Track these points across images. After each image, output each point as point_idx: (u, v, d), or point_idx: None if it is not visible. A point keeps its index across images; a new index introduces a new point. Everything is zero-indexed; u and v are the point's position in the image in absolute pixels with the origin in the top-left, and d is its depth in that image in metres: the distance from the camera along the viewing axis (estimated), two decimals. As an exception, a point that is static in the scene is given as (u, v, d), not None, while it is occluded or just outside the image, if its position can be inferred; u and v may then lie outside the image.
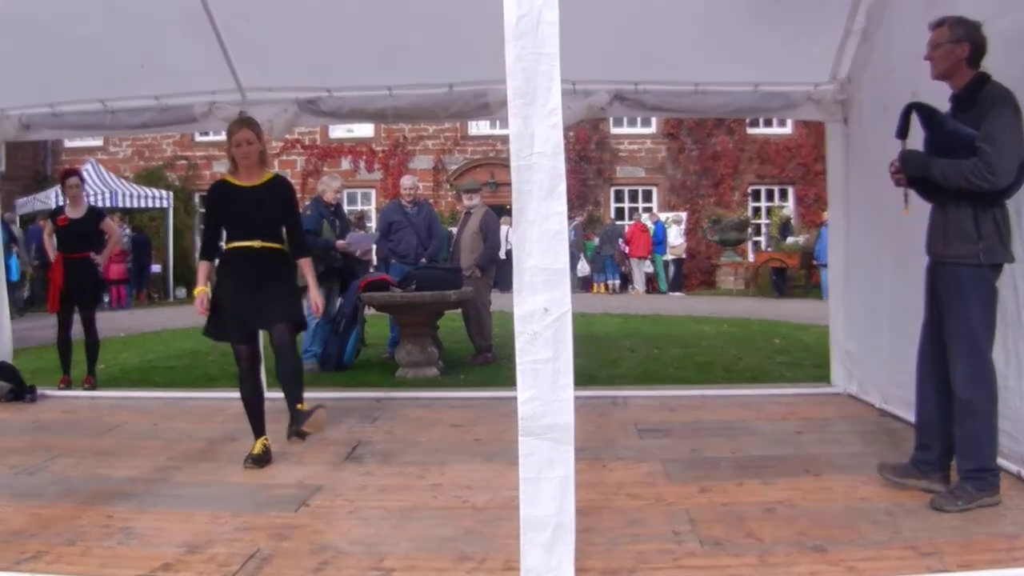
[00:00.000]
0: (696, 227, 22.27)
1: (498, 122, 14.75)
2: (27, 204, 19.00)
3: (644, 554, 3.15)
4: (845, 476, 4.09)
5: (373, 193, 23.19)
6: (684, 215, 22.14)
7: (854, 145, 5.95)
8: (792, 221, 21.75)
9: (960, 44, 3.57)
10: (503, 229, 12.13)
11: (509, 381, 3.12)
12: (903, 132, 3.82)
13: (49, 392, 6.79)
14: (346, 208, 13.07)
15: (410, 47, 5.74)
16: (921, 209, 3.83)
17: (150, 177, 22.32)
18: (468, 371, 8.08)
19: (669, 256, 21.21)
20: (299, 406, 4.50)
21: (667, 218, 21.67)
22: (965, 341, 3.57)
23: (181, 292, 20.70)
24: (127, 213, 20.37)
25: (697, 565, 3.07)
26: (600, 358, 8.64)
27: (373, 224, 17.90)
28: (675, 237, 21.34)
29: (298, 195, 15.65)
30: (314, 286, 4.69)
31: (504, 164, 19.17)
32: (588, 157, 22.92)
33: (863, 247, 5.84)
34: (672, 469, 4.31)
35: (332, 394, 6.55)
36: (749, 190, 23.20)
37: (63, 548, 3.27)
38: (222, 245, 4.70)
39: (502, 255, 10.94)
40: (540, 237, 2.79)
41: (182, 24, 5.60)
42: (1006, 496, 3.61)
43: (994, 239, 3.53)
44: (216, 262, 4.71)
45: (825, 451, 4.64)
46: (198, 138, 22.14)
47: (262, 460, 4.47)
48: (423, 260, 8.51)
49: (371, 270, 9.80)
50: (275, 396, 4.74)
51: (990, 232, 3.52)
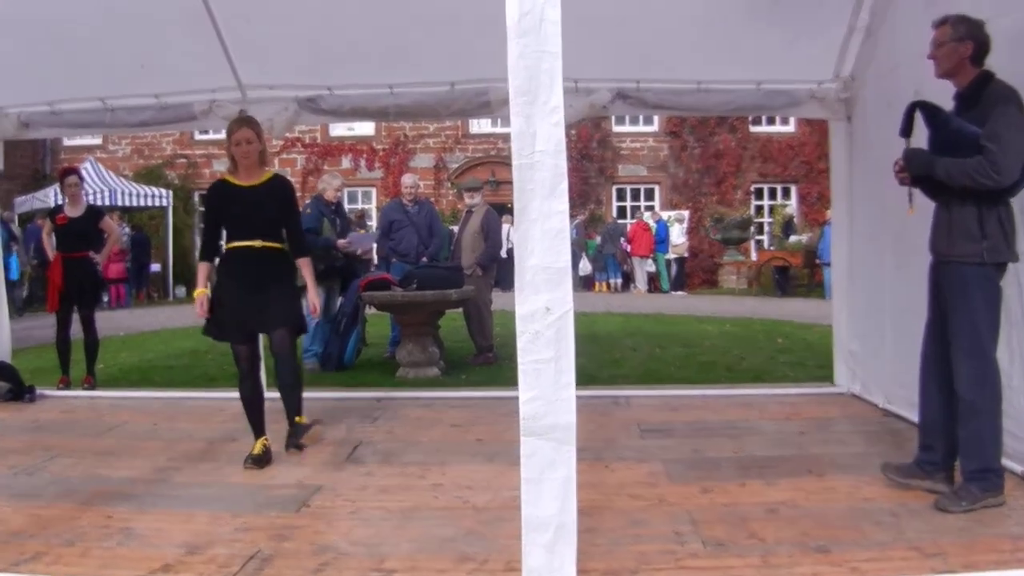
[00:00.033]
0: (698, 226, 22.26)
1: (499, 120, 14.71)
2: (26, 203, 18.92)
3: (646, 555, 3.14)
4: (848, 476, 4.08)
5: (374, 192, 23.15)
6: (686, 214, 22.08)
7: (857, 143, 5.94)
8: (795, 220, 21.71)
9: (963, 42, 3.56)
10: (504, 228, 12.12)
11: (510, 381, 3.12)
12: (907, 131, 3.80)
13: (48, 392, 6.77)
14: (347, 207, 13.02)
15: (411, 45, 5.72)
16: (925, 208, 3.82)
17: (149, 176, 22.25)
18: (469, 371, 8.06)
19: (671, 255, 21.15)
20: (297, 419, 4.51)
21: (669, 217, 21.60)
22: (969, 340, 3.56)
23: (181, 291, 20.66)
24: (126, 212, 20.32)
25: (699, 566, 3.06)
26: (602, 358, 8.62)
27: (374, 223, 17.86)
28: (677, 236, 21.27)
29: (298, 193, 15.72)
30: (312, 287, 4.67)
31: (505, 162, 19.10)
32: (590, 155, 22.89)
33: (866, 246, 5.82)
34: (674, 469, 4.30)
35: (332, 394, 6.58)
36: (752, 188, 23.16)
37: (62, 549, 3.26)
38: (222, 245, 4.69)
39: (503, 254, 10.93)
40: (542, 236, 2.78)
41: (182, 22, 5.58)
42: (1010, 496, 3.59)
43: (998, 238, 3.52)
44: (216, 262, 4.70)
45: (828, 451, 4.63)
46: (198, 136, 22.10)
47: (262, 460, 4.46)
48: (424, 259, 8.51)
49: (372, 269, 9.79)
50: (275, 396, 4.75)
51: (994, 231, 3.51)
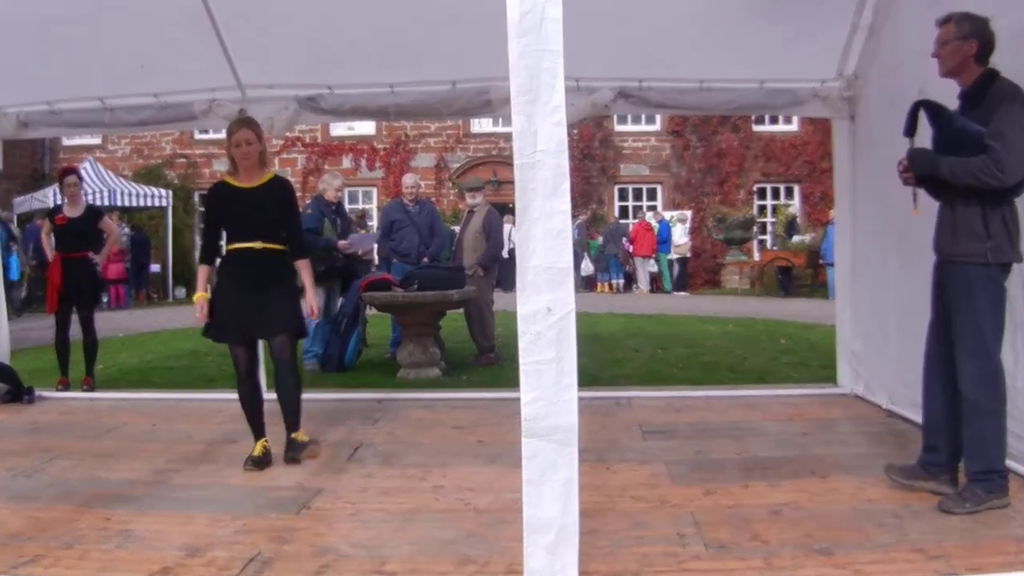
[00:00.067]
0: (701, 225, 22.21)
1: (501, 119, 14.72)
2: (24, 203, 18.88)
3: (648, 557, 3.14)
4: (852, 478, 4.07)
5: (374, 191, 23.12)
6: (689, 213, 22.05)
7: (861, 142, 5.92)
8: (798, 219, 21.66)
9: (968, 41, 3.54)
10: (506, 228, 12.12)
11: (512, 382, 3.12)
12: (911, 130, 3.79)
13: (47, 393, 6.75)
14: (347, 207, 13.02)
15: (412, 44, 5.69)
16: (929, 207, 3.81)
17: (149, 175, 22.20)
18: (470, 372, 8.04)
19: (674, 255, 21.13)
20: (295, 434, 4.49)
21: (672, 216, 21.58)
22: (973, 341, 3.54)
23: (180, 292, 20.62)
24: (126, 212, 20.26)
25: (702, 568, 3.05)
26: (604, 358, 8.60)
27: (374, 223, 17.86)
28: (680, 236, 21.24)
29: (299, 193, 15.76)
30: (311, 289, 4.63)
31: (507, 162, 19.10)
32: (592, 155, 22.85)
33: (870, 246, 5.80)
34: (677, 471, 4.28)
35: (333, 395, 6.57)
36: (754, 188, 23.11)
37: (61, 551, 3.25)
38: (222, 245, 4.66)
39: (505, 254, 10.91)
40: (544, 236, 2.77)
41: (181, 21, 5.56)
42: (1015, 498, 3.58)
43: (1003, 238, 3.51)
44: (217, 264, 4.68)
45: (831, 452, 4.61)
46: (197, 136, 22.08)
47: (262, 462, 4.45)
48: (425, 259, 8.49)
49: (372, 269, 9.77)
50: (275, 398, 4.70)
51: (999, 231, 3.49)
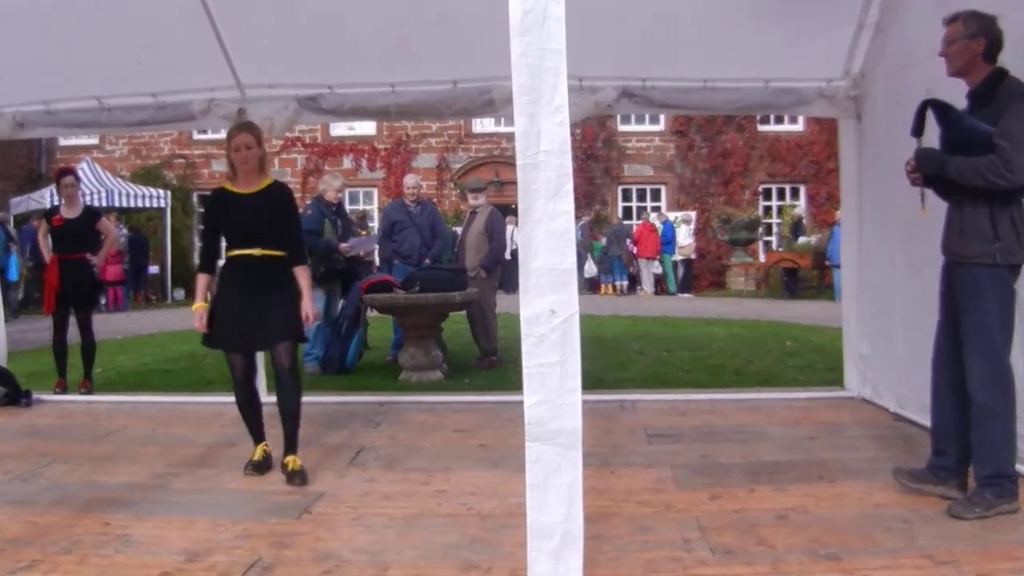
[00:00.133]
0: (706, 227, 22.13)
1: (503, 119, 14.75)
2: (21, 204, 18.81)
3: (653, 562, 3.12)
4: (859, 482, 4.04)
5: (375, 192, 23.09)
6: (693, 214, 22.00)
7: (867, 142, 5.89)
8: (804, 220, 21.62)
9: (975, 39, 3.53)
10: (509, 229, 12.09)
11: (515, 385, 3.09)
12: (918, 129, 3.77)
13: (44, 396, 6.71)
14: (348, 208, 13.03)
15: (413, 43, 5.68)
16: (937, 208, 3.79)
17: (147, 176, 22.13)
18: (473, 374, 8.00)
19: (678, 256, 21.11)
20: (291, 463, 4.32)
21: (676, 217, 21.55)
22: (981, 343, 3.53)
23: (179, 294, 20.61)
24: (124, 213, 20.18)
25: (708, 574, 3.04)
26: (608, 361, 8.57)
27: (375, 224, 17.83)
28: (684, 237, 21.22)
29: (299, 194, 15.77)
30: (308, 297, 4.53)
31: (509, 162, 19.13)
32: (595, 155, 22.82)
33: (877, 247, 5.78)
34: (682, 475, 4.26)
35: (334, 398, 6.56)
36: (760, 189, 23.06)
37: (59, 557, 3.24)
38: (222, 252, 4.62)
39: (508, 255, 10.88)
40: (547, 237, 2.77)
41: (180, 20, 5.54)
42: (1025, 503, 3.55)
43: (1011, 239, 3.49)
44: (218, 268, 4.64)
45: (839, 456, 4.59)
46: (196, 136, 22.02)
47: (263, 466, 4.42)
48: (427, 261, 8.46)
49: (373, 271, 9.75)
50: (274, 400, 4.62)
51: (1007, 232, 3.48)
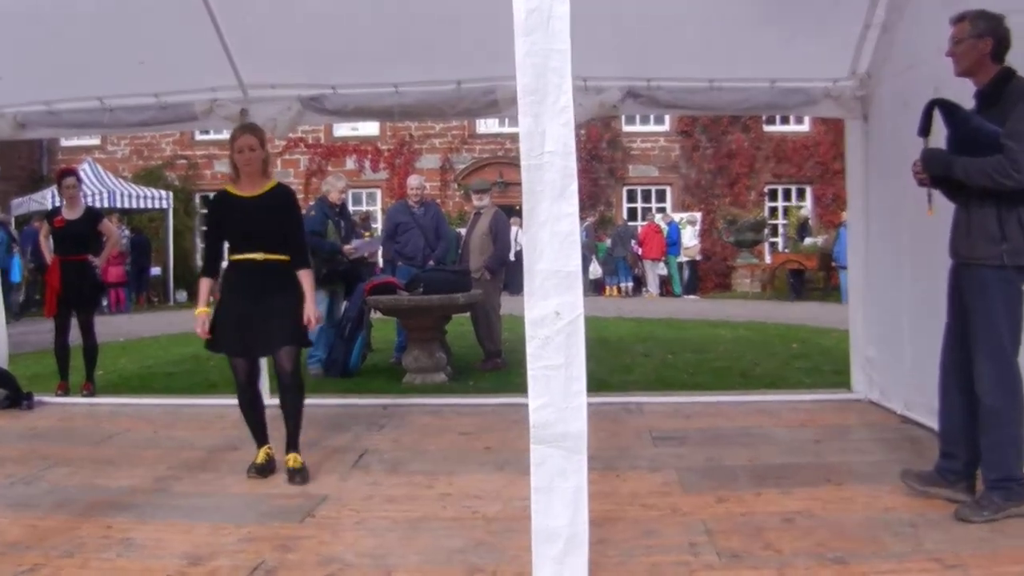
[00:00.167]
0: (711, 228, 22.04)
1: (507, 120, 14.75)
2: (22, 205, 18.79)
3: (659, 566, 3.11)
4: (866, 485, 4.03)
5: (379, 193, 23.00)
6: (699, 215, 21.90)
7: (874, 143, 5.87)
8: (810, 221, 21.45)
9: (983, 39, 3.51)
10: (513, 230, 12.07)
11: (520, 387, 3.10)
12: (925, 129, 3.75)
13: (46, 399, 6.70)
14: (351, 209, 13.01)
15: (417, 43, 5.65)
16: (944, 209, 3.78)
17: (149, 177, 22.04)
18: (477, 377, 7.97)
19: (683, 258, 21.03)
20: (292, 456, 4.40)
21: (681, 219, 21.46)
22: (989, 344, 3.51)
23: (182, 295, 20.54)
24: (126, 214, 20.09)
25: (714, 578, 3.02)
26: (613, 363, 8.54)
27: (379, 225, 17.84)
28: (689, 238, 21.13)
29: (302, 195, 15.75)
30: (311, 300, 4.51)
31: (513, 163, 19.07)
32: (600, 156, 22.75)
33: (883, 248, 5.75)
34: (688, 478, 4.25)
35: (337, 400, 6.55)
36: (766, 189, 22.93)
37: (61, 560, 3.23)
38: (225, 256, 4.60)
39: (512, 257, 10.88)
40: (551, 239, 2.77)
41: (182, 19, 5.53)
42: (1034, 506, 3.52)
43: (1019, 240, 3.47)
44: (221, 272, 4.64)
45: (845, 460, 4.57)
46: (198, 137, 21.95)
47: (265, 470, 4.41)
48: (431, 262, 8.43)
49: (377, 272, 9.74)
50: (277, 403, 4.64)
51: (1015, 233, 3.46)
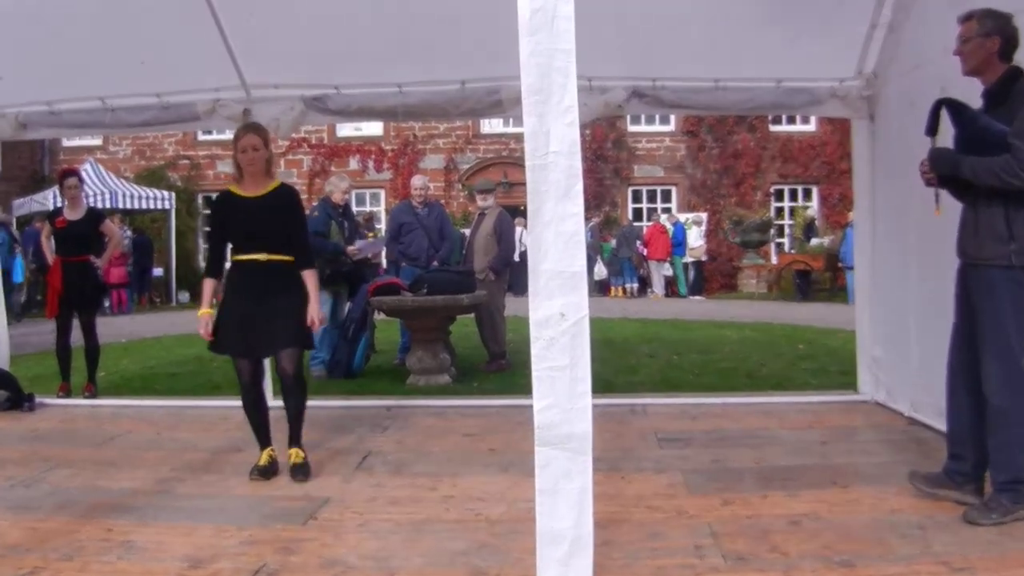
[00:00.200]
0: (717, 228, 22.02)
1: (512, 120, 14.65)
2: (24, 205, 18.82)
3: (664, 569, 3.10)
4: (873, 488, 4.00)
5: (382, 194, 23.02)
6: (704, 216, 21.90)
7: (881, 143, 5.84)
8: (816, 222, 21.46)
9: (990, 38, 3.49)
10: (517, 230, 12.07)
11: (524, 389, 3.10)
12: (932, 129, 3.73)
13: (48, 400, 6.69)
14: (355, 209, 13.00)
15: (420, 42, 5.64)
16: (952, 209, 3.75)
17: (151, 177, 22.05)
18: (482, 378, 7.96)
19: (689, 258, 21.02)
20: (294, 451, 4.45)
21: (687, 219, 21.45)
22: (996, 345, 3.48)
23: (184, 296, 20.57)
24: (128, 215, 20.12)
25: (720, 581, 3.01)
26: (618, 364, 8.53)
27: (382, 226, 17.82)
28: (695, 239, 21.14)
29: (305, 196, 15.77)
30: (315, 301, 4.51)
31: (518, 163, 19.10)
32: (605, 156, 22.74)
33: (890, 248, 5.72)
34: (693, 480, 4.23)
35: (341, 402, 6.54)
36: (772, 190, 22.92)
37: (61, 563, 3.22)
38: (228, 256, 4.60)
39: (516, 257, 10.85)
40: (556, 239, 2.76)
41: (184, 19, 5.52)
42: (1043, 509, 3.49)
43: (1027, 240, 3.43)
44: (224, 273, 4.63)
45: (852, 461, 4.55)
46: (201, 137, 21.98)
47: (268, 472, 4.39)
48: (435, 263, 8.41)
49: (381, 273, 9.72)
50: (281, 404, 4.64)
51: (1022, 233, 3.42)
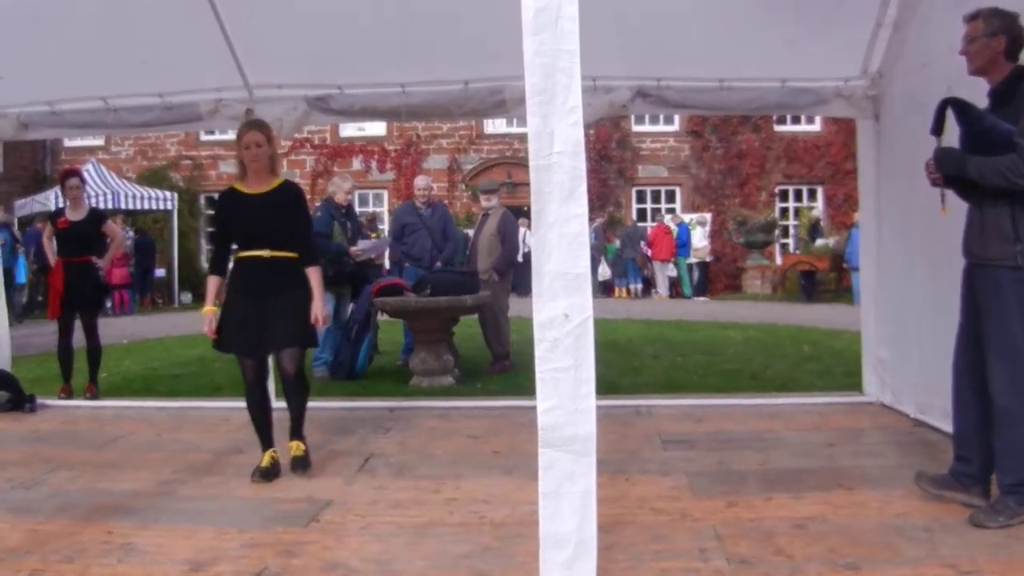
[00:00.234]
0: (721, 229, 21.97)
1: (515, 120, 14.70)
2: (25, 206, 18.80)
3: (668, 572, 3.09)
4: (879, 490, 3.99)
5: (385, 194, 23.02)
6: (709, 216, 21.86)
7: (886, 143, 5.83)
8: (821, 222, 21.36)
9: (996, 37, 3.48)
10: (521, 231, 12.07)
11: (528, 390, 3.07)
12: (938, 129, 3.71)
13: (49, 401, 6.69)
14: (358, 210, 12.99)
15: (424, 42, 5.63)
16: (958, 209, 3.74)
17: (153, 178, 22.05)
18: (485, 379, 7.95)
19: (693, 259, 20.98)
20: (295, 443, 4.48)
21: (691, 219, 21.43)
22: (1002, 345, 3.46)
23: (186, 297, 20.59)
24: (130, 215, 20.08)
25: (724, 584, 3.00)
26: (622, 365, 8.51)
27: (385, 227, 17.82)
28: (699, 239, 21.10)
29: (308, 196, 15.75)
30: (319, 298, 4.52)
31: (521, 164, 19.10)
32: (609, 156, 22.71)
33: (896, 249, 5.70)
34: (698, 482, 4.21)
35: (343, 403, 6.53)
36: (776, 190, 22.86)
37: (61, 566, 3.21)
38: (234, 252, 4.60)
39: (520, 258, 10.85)
40: (560, 240, 2.75)
41: (186, 19, 5.52)
42: (1051, 511, 3.47)
43: (1033, 240, 3.41)
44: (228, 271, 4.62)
45: (858, 463, 4.53)
46: (203, 137, 21.97)
47: (270, 473, 4.38)
48: (438, 263, 8.43)
49: (384, 274, 9.71)
50: (284, 406, 4.65)
51: (1028, 233, 3.41)
